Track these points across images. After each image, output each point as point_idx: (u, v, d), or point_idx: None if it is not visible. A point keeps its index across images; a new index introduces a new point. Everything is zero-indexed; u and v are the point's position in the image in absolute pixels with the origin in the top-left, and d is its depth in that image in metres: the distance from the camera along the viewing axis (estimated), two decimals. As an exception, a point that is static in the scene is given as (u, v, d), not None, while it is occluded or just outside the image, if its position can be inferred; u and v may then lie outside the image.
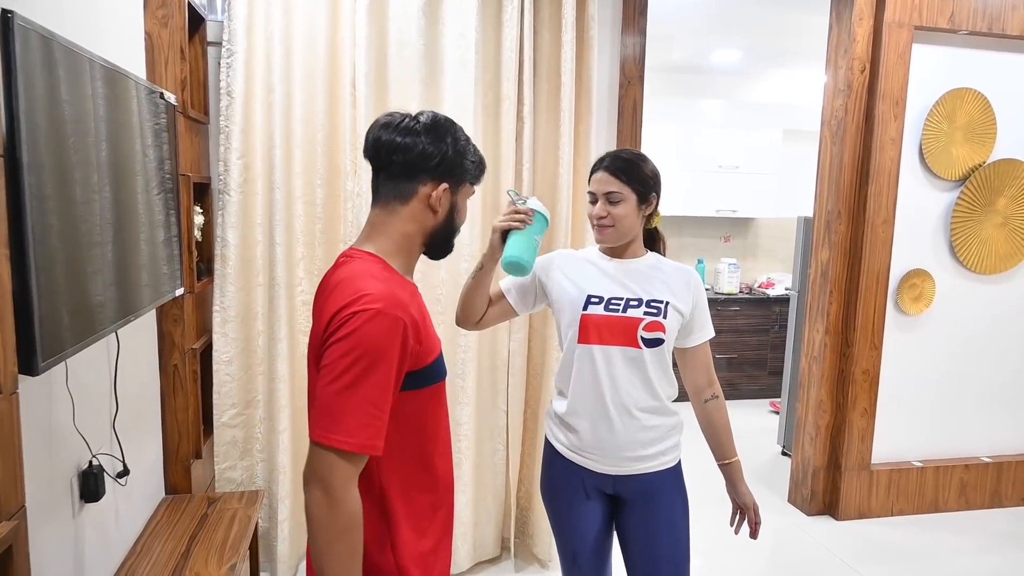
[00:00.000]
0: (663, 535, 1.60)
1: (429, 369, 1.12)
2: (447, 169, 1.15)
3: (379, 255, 1.13)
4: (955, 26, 2.97)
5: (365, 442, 1.00)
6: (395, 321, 1.01)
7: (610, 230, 1.56)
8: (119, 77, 1.56)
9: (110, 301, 1.48)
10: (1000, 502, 3.36)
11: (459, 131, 1.18)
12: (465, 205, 1.23)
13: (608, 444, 1.56)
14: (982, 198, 3.13)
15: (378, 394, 1.00)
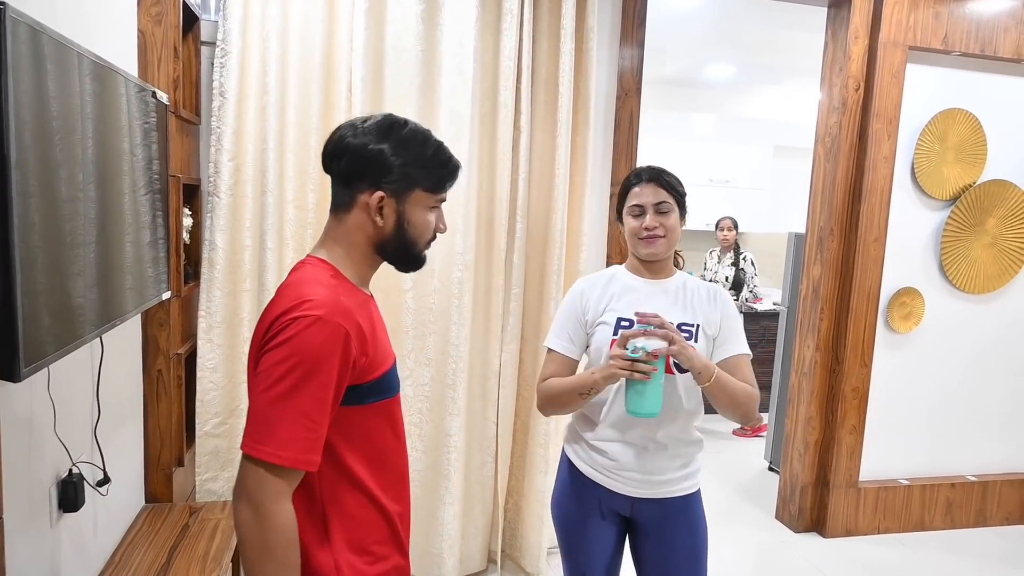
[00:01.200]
0: (680, 563, 1.57)
1: (376, 384, 1.06)
2: (383, 175, 1.06)
3: (331, 262, 1.08)
4: (948, 47, 2.99)
5: (297, 456, 0.94)
6: (336, 329, 0.96)
7: (662, 241, 1.54)
8: (109, 74, 1.52)
9: (95, 304, 1.44)
10: (985, 521, 3.37)
11: (410, 133, 1.09)
12: (424, 216, 1.10)
13: (632, 466, 1.53)
14: (972, 218, 3.15)
15: (314, 405, 0.95)
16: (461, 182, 2.37)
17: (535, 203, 2.57)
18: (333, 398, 0.98)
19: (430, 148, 1.09)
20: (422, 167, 1.08)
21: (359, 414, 1.05)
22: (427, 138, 1.10)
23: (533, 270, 2.60)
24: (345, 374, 0.99)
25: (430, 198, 1.10)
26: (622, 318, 1.54)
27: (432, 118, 2.40)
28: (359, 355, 1.01)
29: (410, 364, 2.47)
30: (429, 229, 1.13)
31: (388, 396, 1.09)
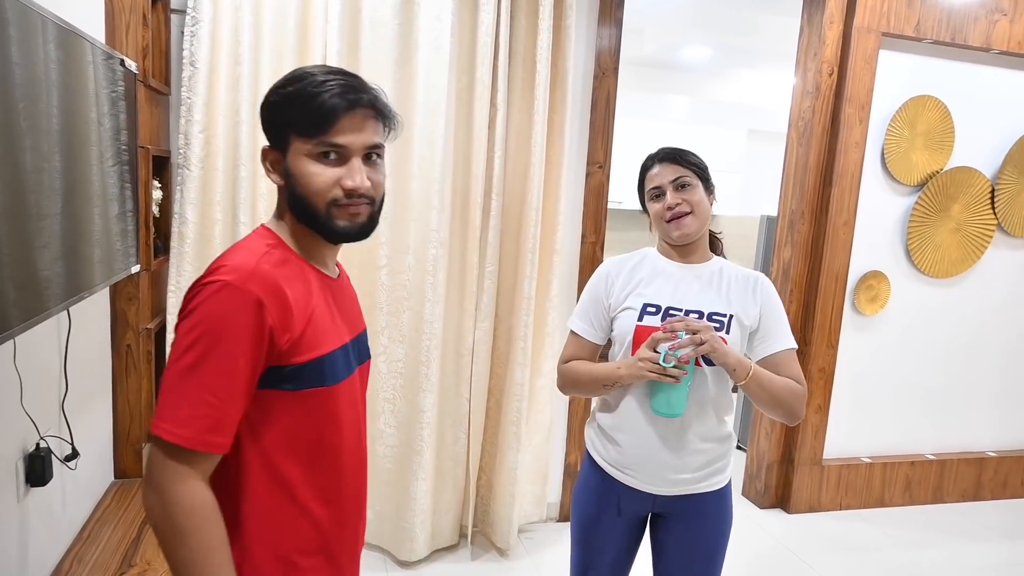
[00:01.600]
0: (700, 559, 1.51)
1: (303, 369, 0.93)
2: (267, 128, 0.98)
3: (275, 230, 1.00)
4: (920, 34, 3.03)
5: (195, 436, 0.85)
6: (246, 296, 0.86)
7: (689, 217, 1.44)
8: (76, 40, 1.48)
9: (62, 277, 1.41)
10: (942, 498, 3.48)
11: (288, 77, 0.96)
12: (305, 167, 0.94)
13: (654, 462, 1.45)
14: (938, 204, 3.22)
15: (219, 380, 0.85)
16: (437, 158, 2.37)
17: (511, 181, 2.57)
18: (247, 374, 0.88)
19: (301, 89, 0.94)
20: (289, 107, 0.94)
21: (285, 402, 0.93)
22: (302, 77, 0.95)
23: (508, 248, 2.60)
24: (260, 348, 0.88)
25: (305, 145, 0.94)
26: (648, 304, 1.46)
27: (409, 92, 2.38)
28: (279, 330, 0.89)
29: (384, 340, 2.47)
30: (318, 183, 0.94)
31: (320, 385, 0.96)
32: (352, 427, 1.04)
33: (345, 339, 1.02)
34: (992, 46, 3.12)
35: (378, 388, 2.50)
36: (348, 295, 1.11)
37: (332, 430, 1.00)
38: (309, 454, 0.97)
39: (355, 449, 1.05)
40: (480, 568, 2.62)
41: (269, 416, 0.93)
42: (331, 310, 1.01)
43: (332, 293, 1.03)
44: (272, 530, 0.96)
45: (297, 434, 0.95)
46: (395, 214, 2.43)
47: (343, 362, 1.00)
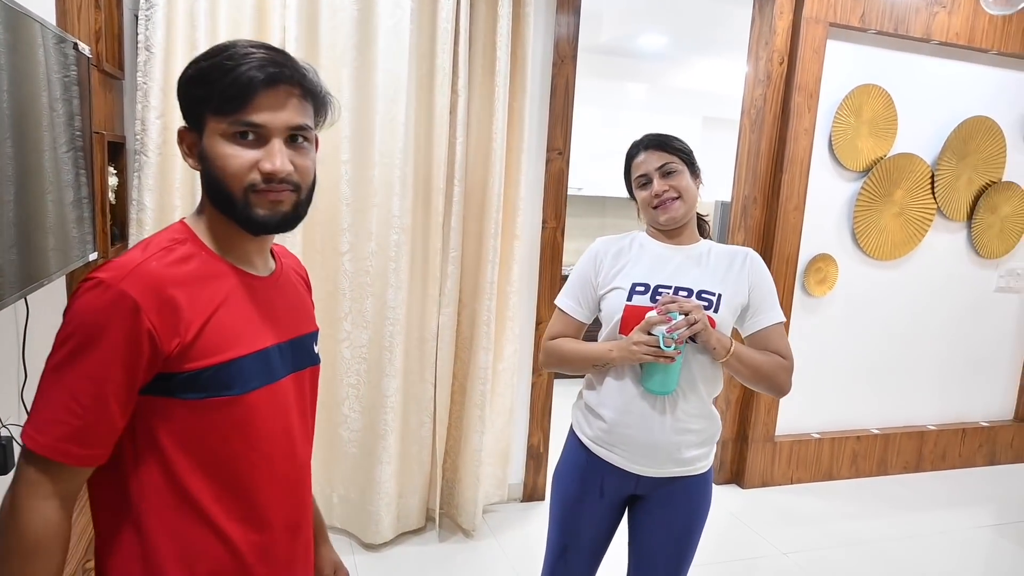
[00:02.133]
0: (675, 542, 1.53)
1: (204, 375, 0.84)
2: (182, 106, 0.89)
3: (193, 227, 0.91)
4: (865, 25, 3.15)
5: (52, 443, 0.78)
6: (119, 297, 0.78)
7: (677, 202, 1.47)
8: (25, 21, 1.45)
9: (16, 265, 1.39)
10: (886, 470, 3.66)
11: (206, 52, 0.88)
12: (220, 148, 0.86)
13: (640, 442, 1.45)
14: (882, 189, 3.36)
15: (85, 386, 0.78)
16: (398, 144, 2.38)
17: (472, 167, 2.59)
18: (119, 383, 0.79)
19: (217, 58, 0.85)
20: (204, 82, 0.85)
21: (183, 411, 0.85)
22: (219, 52, 0.86)
23: (471, 234, 2.63)
24: (137, 353, 0.80)
25: (220, 123, 0.85)
26: (637, 283, 1.47)
27: (368, 79, 2.38)
28: (163, 333, 0.81)
29: (347, 327, 2.48)
30: (233, 166, 0.85)
31: (225, 393, 0.86)
32: (280, 440, 0.94)
33: (267, 342, 0.92)
34: (932, 37, 3.25)
35: (342, 374, 2.52)
36: (287, 295, 1.01)
37: (246, 444, 0.90)
38: (217, 470, 0.88)
39: (285, 466, 0.95)
40: (446, 549, 2.66)
41: (167, 426, 0.85)
42: (247, 312, 0.91)
43: (256, 293, 0.93)
44: (183, 552, 0.87)
45: (200, 447, 0.87)
46: (357, 200, 2.44)
47: (259, 368, 0.90)
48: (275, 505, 0.95)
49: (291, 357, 0.98)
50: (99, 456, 0.82)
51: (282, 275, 1.01)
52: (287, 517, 0.97)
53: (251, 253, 0.95)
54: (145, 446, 0.85)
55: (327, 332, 2.52)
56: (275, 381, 0.93)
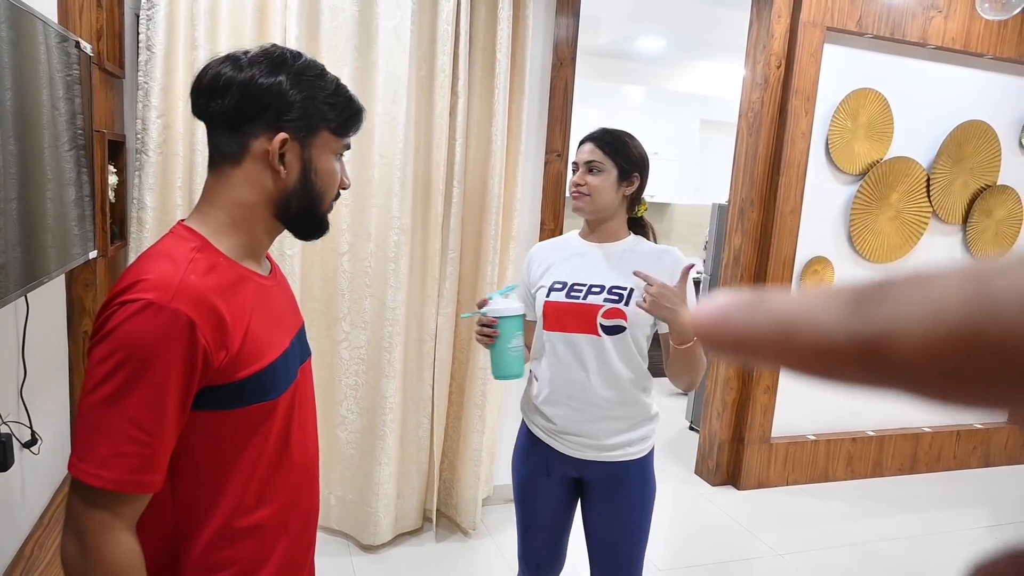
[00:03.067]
0: (624, 525, 1.61)
1: (248, 384, 0.86)
2: (285, 112, 0.88)
3: (201, 230, 0.89)
4: (862, 29, 3.17)
5: (123, 477, 0.75)
6: (173, 317, 0.77)
7: (586, 199, 1.54)
8: (28, 19, 1.45)
9: (18, 263, 1.39)
10: (881, 471, 3.67)
11: (307, 64, 0.91)
12: (331, 163, 0.94)
13: (574, 429, 1.56)
14: (878, 192, 3.38)
15: (147, 413, 0.76)
16: (398, 145, 2.39)
17: (472, 169, 2.60)
18: (178, 404, 0.79)
19: (331, 83, 0.93)
20: (327, 103, 0.91)
21: (224, 422, 0.86)
22: (325, 72, 0.94)
23: (470, 235, 2.64)
24: (192, 372, 0.79)
25: (336, 142, 0.94)
26: (556, 281, 1.57)
27: (369, 80, 2.39)
28: (214, 349, 0.81)
29: (346, 327, 2.49)
30: (336, 181, 0.96)
31: (265, 399, 0.88)
32: (302, 433, 0.99)
33: (285, 344, 0.95)
34: (928, 41, 3.27)
35: (340, 374, 2.52)
36: (283, 291, 1.03)
37: (279, 443, 0.93)
38: (257, 473, 0.90)
39: (307, 457, 1.00)
40: (444, 549, 2.67)
41: (210, 438, 0.85)
42: (269, 315, 0.93)
43: (268, 294, 0.95)
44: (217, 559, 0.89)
45: (243, 452, 0.88)
46: (356, 201, 2.44)
47: (284, 371, 0.93)
48: (299, 498, 0.98)
49: (299, 352, 1.01)
50: (163, 480, 0.81)
51: (277, 273, 1.04)
52: (307, 507, 1.01)
53: (261, 256, 0.98)
54: (177, 458, 0.84)
55: (326, 333, 2.53)
56: (295, 379, 0.96)
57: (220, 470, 0.88)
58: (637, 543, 1.63)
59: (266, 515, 0.93)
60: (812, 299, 0.16)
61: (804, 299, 0.16)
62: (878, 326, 0.14)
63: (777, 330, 0.16)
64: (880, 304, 0.15)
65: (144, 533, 0.83)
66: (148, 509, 0.83)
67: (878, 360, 0.14)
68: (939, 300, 0.14)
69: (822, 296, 0.16)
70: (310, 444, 1.02)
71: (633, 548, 1.63)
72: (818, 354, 0.15)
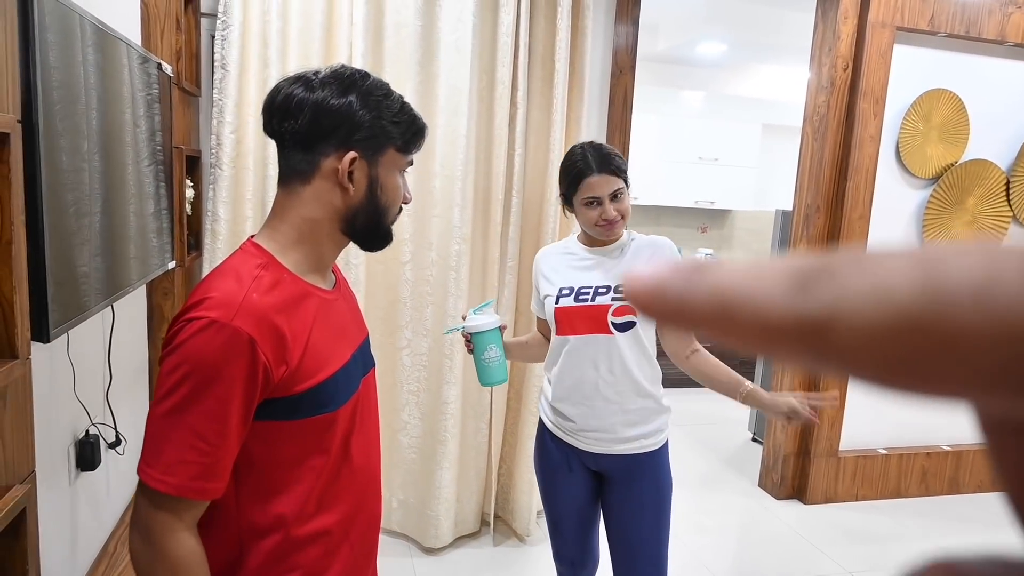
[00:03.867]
0: (642, 515, 1.65)
1: (307, 396, 0.89)
2: (354, 132, 0.91)
3: (268, 248, 0.93)
4: (935, 28, 3.05)
5: (185, 483, 0.80)
6: (234, 335, 0.81)
7: (620, 224, 1.59)
8: (114, 43, 1.54)
9: (101, 273, 1.48)
10: (958, 489, 3.51)
11: (374, 85, 0.94)
12: (396, 180, 0.97)
13: (590, 426, 1.62)
14: (953, 197, 3.24)
15: (209, 425, 0.81)
16: (459, 156, 2.43)
17: (530, 178, 2.62)
18: (240, 416, 0.83)
19: (396, 102, 0.96)
20: (393, 122, 0.94)
21: (284, 432, 0.89)
22: (391, 91, 0.97)
23: (528, 244, 2.66)
24: (254, 387, 0.83)
25: (401, 159, 0.98)
26: (563, 287, 1.64)
27: (431, 93, 2.44)
28: (274, 364, 0.84)
29: (408, 335, 2.54)
30: (399, 197, 0.99)
31: (324, 411, 0.91)
32: (364, 444, 1.01)
33: (347, 357, 0.97)
34: (1006, 38, 3.13)
35: (402, 380, 2.57)
36: (348, 304, 1.06)
37: (340, 455, 0.96)
38: (317, 482, 0.93)
39: (369, 467, 1.02)
40: (501, 553, 2.68)
41: (273, 448, 0.89)
42: (331, 329, 0.96)
43: (330, 308, 0.98)
44: (286, 561, 0.92)
45: (302, 463, 0.92)
46: (418, 211, 2.50)
47: (346, 381, 0.96)
48: (361, 505, 1.00)
49: (362, 363, 1.03)
50: (223, 488, 0.85)
51: (341, 286, 1.06)
52: (369, 513, 1.03)
53: (327, 270, 1.01)
54: (241, 466, 0.88)
55: (388, 340, 2.58)
56: (357, 390, 0.99)
57: (282, 479, 0.90)
58: (656, 534, 1.66)
59: (328, 523, 0.95)
60: (755, 273, 0.15)
61: (747, 272, 0.15)
62: (822, 306, 0.14)
63: (717, 303, 0.15)
64: (826, 283, 0.14)
65: (212, 536, 0.87)
66: (215, 513, 0.88)
67: (821, 341, 0.14)
68: (887, 283, 0.13)
69: (766, 270, 0.15)
70: (372, 453, 1.05)
71: (652, 539, 1.65)
72: (759, 331, 0.15)
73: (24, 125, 1.07)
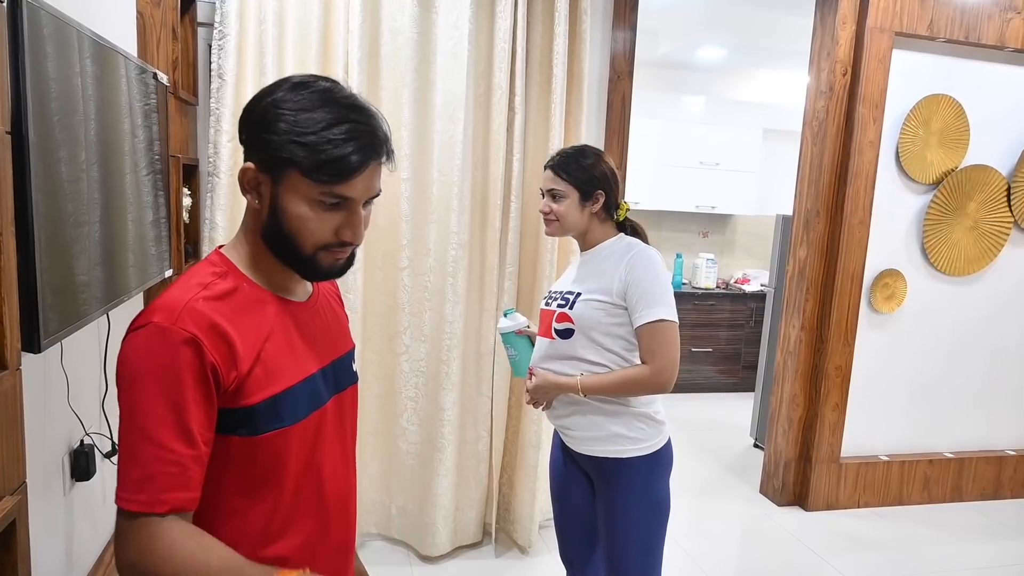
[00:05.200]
0: (608, 523, 1.65)
1: (260, 409, 0.83)
2: (255, 142, 0.84)
3: (232, 257, 0.89)
4: (934, 34, 3.05)
5: (156, 497, 0.75)
6: (176, 335, 0.77)
7: (555, 224, 1.66)
8: (110, 54, 1.55)
9: (101, 282, 1.48)
10: (960, 496, 3.49)
11: (312, 95, 0.83)
12: (301, 209, 0.84)
13: (560, 423, 1.71)
14: (953, 202, 3.23)
15: (165, 431, 0.75)
16: (456, 162, 2.43)
17: (529, 184, 2.62)
18: (200, 418, 0.78)
19: (320, 121, 0.81)
20: (300, 142, 0.81)
21: (241, 446, 0.83)
22: (323, 105, 0.82)
23: (527, 249, 2.65)
24: (207, 386, 0.78)
25: (311, 187, 0.83)
26: (552, 291, 1.75)
27: (427, 99, 2.44)
28: (223, 367, 0.80)
29: (407, 340, 2.54)
30: (311, 230, 0.85)
31: (277, 427, 0.85)
32: (328, 464, 0.94)
33: (311, 370, 0.92)
34: (1006, 44, 3.12)
35: (401, 386, 2.57)
36: (324, 318, 1.00)
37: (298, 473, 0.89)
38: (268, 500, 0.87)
39: (335, 488, 0.96)
40: (503, 565, 2.67)
41: (221, 464, 0.83)
42: (292, 340, 0.90)
43: (297, 320, 0.92)
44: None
45: (250, 480, 0.86)
46: (416, 217, 2.49)
47: (307, 396, 0.90)
48: (327, 528, 0.94)
49: (333, 379, 0.97)
50: (198, 496, 0.80)
51: (319, 298, 1.00)
52: (338, 538, 0.97)
53: (291, 282, 0.94)
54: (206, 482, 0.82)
55: (387, 346, 2.58)
56: (321, 406, 0.93)
57: (244, 498, 0.86)
58: (623, 547, 1.61)
59: (290, 547, 0.90)
60: None
61: None
62: None
63: None
64: None
65: None
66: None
67: None
68: None
69: None
70: (345, 475, 0.98)
71: (620, 551, 1.61)
72: None
73: (14, 136, 1.07)
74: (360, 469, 2.56)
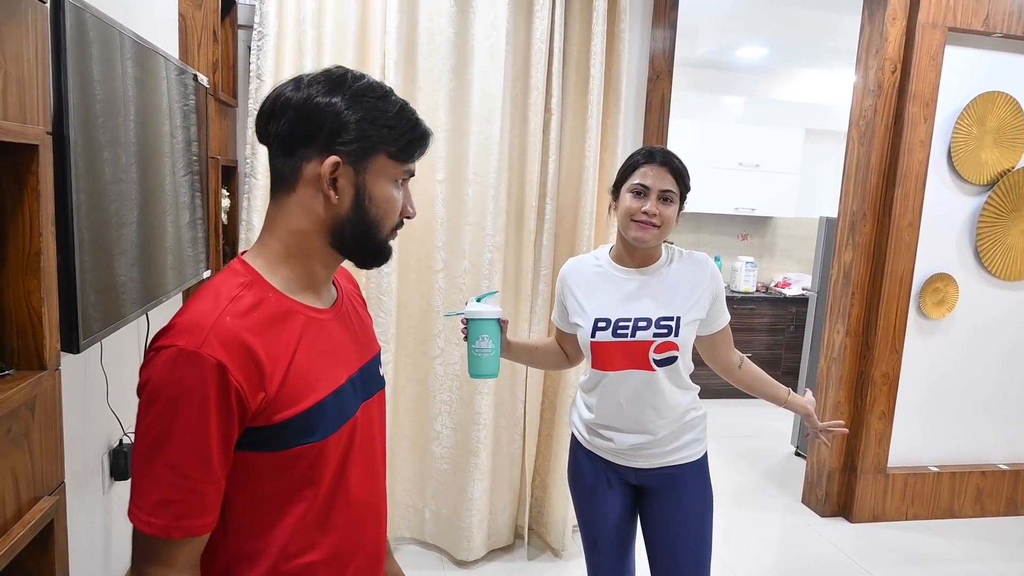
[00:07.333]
0: (685, 526, 1.60)
1: (291, 425, 0.82)
2: (338, 134, 0.83)
3: (255, 265, 0.86)
4: (989, 28, 2.93)
5: (172, 523, 0.76)
6: (201, 363, 0.75)
7: (655, 231, 1.47)
8: (152, 56, 1.56)
9: (137, 282, 1.49)
10: (1016, 510, 3.34)
11: (367, 85, 0.86)
12: (388, 190, 0.87)
13: (631, 446, 1.57)
14: (1009, 203, 3.10)
15: (188, 460, 0.76)
16: (492, 163, 2.40)
17: (565, 185, 2.58)
18: (219, 448, 0.78)
19: (393, 105, 0.87)
20: (386, 125, 0.85)
21: (266, 464, 0.83)
22: (388, 93, 0.88)
23: (562, 252, 2.62)
24: (229, 414, 0.78)
25: (396, 168, 0.87)
26: (599, 319, 1.52)
27: (464, 100, 2.42)
28: (249, 391, 0.78)
29: (441, 344, 2.52)
30: (395, 209, 0.89)
31: (311, 439, 0.84)
32: (359, 472, 0.93)
33: (340, 380, 0.90)
34: (1068, 38, 2.98)
35: (435, 390, 2.55)
36: (351, 322, 0.98)
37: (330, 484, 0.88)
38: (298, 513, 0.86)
39: (366, 497, 0.95)
40: (536, 568, 2.63)
41: (255, 481, 0.83)
42: (321, 351, 0.89)
43: (322, 328, 0.90)
44: None
45: (286, 498, 0.85)
46: (451, 219, 2.48)
47: (338, 407, 0.89)
48: (358, 538, 0.93)
49: (362, 386, 0.96)
50: (214, 521, 0.81)
51: (343, 302, 0.98)
52: (369, 547, 0.95)
53: (320, 286, 0.92)
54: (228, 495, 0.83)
55: (421, 349, 2.56)
56: (352, 416, 0.91)
57: (270, 511, 0.85)
58: (700, 545, 1.61)
59: (320, 557, 0.89)
60: None
61: None
62: None
63: None
64: None
65: (201, 565, 0.83)
66: None
67: None
68: None
69: None
70: (374, 485, 0.97)
71: (696, 550, 1.61)
72: None
73: (55, 137, 1.07)
74: (393, 473, 2.57)
